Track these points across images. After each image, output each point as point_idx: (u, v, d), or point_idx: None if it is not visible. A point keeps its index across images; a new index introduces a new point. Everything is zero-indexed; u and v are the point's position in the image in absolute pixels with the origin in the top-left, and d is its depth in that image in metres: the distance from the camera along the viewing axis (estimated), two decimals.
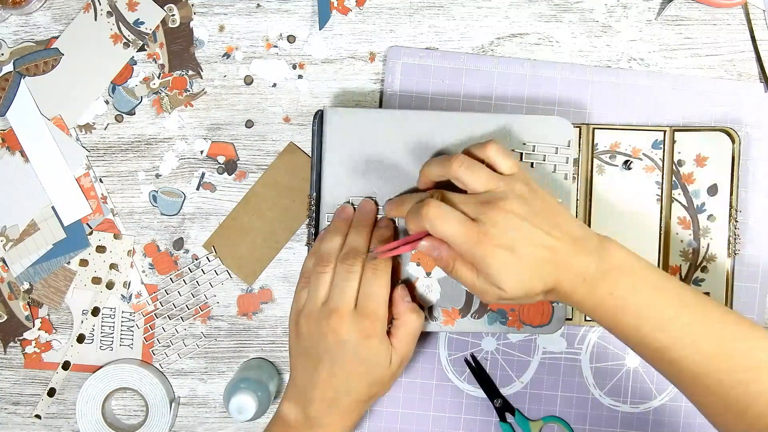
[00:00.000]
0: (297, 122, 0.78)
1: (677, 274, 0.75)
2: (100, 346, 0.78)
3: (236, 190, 0.78)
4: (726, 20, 0.78)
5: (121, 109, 0.78)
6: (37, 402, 0.79)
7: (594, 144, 0.75)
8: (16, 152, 0.78)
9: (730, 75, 0.77)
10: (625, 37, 0.77)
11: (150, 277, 0.78)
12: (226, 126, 0.78)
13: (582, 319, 0.75)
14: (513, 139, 0.71)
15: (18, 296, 0.78)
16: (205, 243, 0.78)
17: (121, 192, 0.78)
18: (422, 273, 0.71)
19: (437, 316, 0.71)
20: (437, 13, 0.77)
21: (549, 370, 0.77)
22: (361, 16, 0.78)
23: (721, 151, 0.74)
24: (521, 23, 0.77)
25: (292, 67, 0.78)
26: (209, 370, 0.79)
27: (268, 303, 0.78)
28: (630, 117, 0.77)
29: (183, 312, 0.78)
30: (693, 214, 0.75)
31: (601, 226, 0.75)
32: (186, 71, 0.78)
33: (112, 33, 0.77)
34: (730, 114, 0.77)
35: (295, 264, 0.78)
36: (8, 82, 0.77)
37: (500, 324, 0.71)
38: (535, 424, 0.76)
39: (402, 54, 0.77)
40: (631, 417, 0.77)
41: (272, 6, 0.78)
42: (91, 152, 0.78)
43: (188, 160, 0.78)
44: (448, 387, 0.77)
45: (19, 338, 0.78)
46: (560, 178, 0.71)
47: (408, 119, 0.70)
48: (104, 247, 0.78)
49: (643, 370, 0.77)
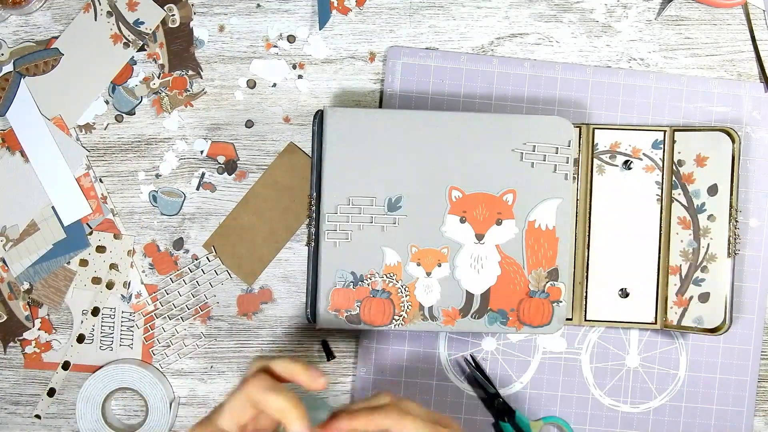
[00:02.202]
0: (297, 122, 0.78)
1: (677, 274, 0.75)
2: (100, 346, 0.78)
3: (236, 190, 0.78)
4: (726, 20, 0.78)
5: (121, 109, 0.78)
6: (37, 402, 0.79)
7: (594, 144, 0.75)
8: (16, 152, 0.78)
9: (730, 75, 0.77)
10: (625, 37, 0.77)
11: (150, 277, 0.78)
12: (226, 126, 0.78)
13: (582, 319, 0.75)
14: (513, 139, 0.71)
15: (18, 296, 0.78)
16: (205, 243, 0.78)
17: (121, 192, 0.78)
18: (422, 273, 0.71)
19: (437, 316, 0.71)
20: (437, 13, 0.77)
21: (549, 370, 0.77)
22: (361, 16, 0.78)
23: (721, 151, 0.74)
24: (521, 23, 0.77)
25: (292, 67, 0.78)
26: (209, 370, 0.79)
27: (268, 303, 0.78)
28: (630, 117, 0.77)
29: (183, 312, 0.78)
30: (693, 214, 0.75)
31: (601, 226, 0.75)
32: (186, 71, 0.78)
33: (112, 33, 0.77)
34: (730, 114, 0.77)
35: (295, 264, 0.78)
36: (8, 82, 0.77)
37: (500, 324, 0.71)
38: (535, 424, 0.76)
39: (402, 54, 0.77)
40: (631, 417, 0.77)
41: (272, 6, 0.78)
42: (91, 152, 0.78)
43: (188, 160, 0.78)
44: (448, 387, 0.77)
45: (19, 338, 0.78)
46: (560, 178, 0.71)
47: (408, 119, 0.70)
48: (104, 247, 0.78)
49: (643, 370, 0.77)
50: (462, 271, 0.71)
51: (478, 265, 0.71)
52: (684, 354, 0.77)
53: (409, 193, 0.71)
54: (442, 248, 0.71)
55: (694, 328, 0.74)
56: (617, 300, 0.75)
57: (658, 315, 0.75)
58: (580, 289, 0.75)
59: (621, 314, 0.75)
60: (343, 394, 0.78)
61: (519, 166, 0.71)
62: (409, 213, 0.71)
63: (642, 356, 0.77)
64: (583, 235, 0.75)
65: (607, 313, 0.75)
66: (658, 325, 0.75)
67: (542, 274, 0.71)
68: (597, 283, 0.75)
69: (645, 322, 0.75)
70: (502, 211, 0.71)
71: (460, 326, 0.71)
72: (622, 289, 0.76)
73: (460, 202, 0.71)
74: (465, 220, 0.71)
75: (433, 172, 0.71)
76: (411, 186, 0.71)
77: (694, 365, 0.77)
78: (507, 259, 0.71)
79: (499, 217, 0.71)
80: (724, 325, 0.73)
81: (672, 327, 0.75)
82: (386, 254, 0.71)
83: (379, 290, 0.71)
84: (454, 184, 0.71)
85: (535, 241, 0.71)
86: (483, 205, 0.71)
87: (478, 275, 0.71)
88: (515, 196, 0.71)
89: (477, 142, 0.71)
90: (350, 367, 0.78)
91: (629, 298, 0.75)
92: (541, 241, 0.71)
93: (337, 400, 0.78)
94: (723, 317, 0.73)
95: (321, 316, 0.71)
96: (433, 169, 0.71)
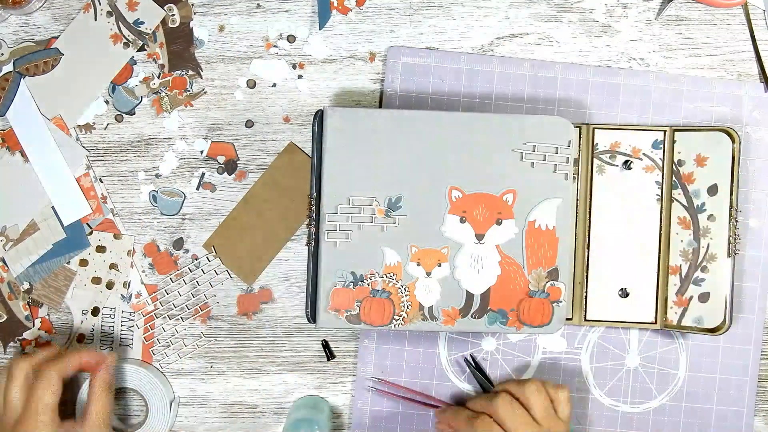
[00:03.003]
0: (297, 122, 0.78)
1: (677, 274, 0.75)
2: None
3: (236, 190, 0.78)
4: (726, 20, 0.78)
5: (121, 109, 0.78)
6: None
7: (594, 144, 0.75)
8: (16, 152, 0.78)
9: (730, 75, 0.77)
10: (625, 37, 0.77)
11: (150, 277, 0.78)
12: (226, 126, 0.78)
13: (582, 319, 0.75)
14: (513, 139, 0.71)
15: (18, 296, 0.78)
16: (205, 243, 0.78)
17: (121, 192, 0.78)
18: (422, 273, 0.71)
19: (437, 316, 0.71)
20: (437, 13, 0.77)
21: (549, 370, 0.77)
22: (361, 16, 0.78)
23: (721, 151, 0.74)
24: (521, 23, 0.77)
25: (292, 67, 0.78)
26: (209, 370, 0.79)
27: (268, 303, 0.78)
28: (630, 117, 0.77)
29: (183, 312, 0.78)
30: (693, 214, 0.75)
31: (601, 226, 0.75)
32: (186, 71, 0.78)
33: (112, 33, 0.77)
34: (730, 114, 0.77)
35: (295, 264, 0.78)
36: (8, 82, 0.77)
37: (500, 324, 0.71)
38: None
39: (402, 54, 0.77)
40: (631, 417, 0.77)
41: (272, 6, 0.78)
42: (91, 152, 0.78)
43: (188, 160, 0.78)
44: (448, 387, 0.77)
45: (19, 338, 0.78)
46: (560, 178, 0.71)
47: (408, 119, 0.70)
48: (104, 247, 0.78)
49: (643, 370, 0.77)
50: (462, 271, 0.71)
51: (478, 265, 0.71)
52: (684, 354, 0.77)
53: (409, 193, 0.71)
54: (442, 248, 0.71)
55: (694, 328, 0.74)
56: (617, 300, 0.75)
57: (658, 315, 0.75)
58: (580, 289, 0.75)
59: (621, 314, 0.75)
60: (342, 394, 0.78)
61: (519, 166, 0.71)
62: (409, 213, 0.71)
63: (642, 356, 0.77)
64: (583, 235, 0.75)
65: (607, 313, 0.75)
66: (658, 325, 0.75)
67: (542, 274, 0.71)
68: (597, 283, 0.75)
69: (645, 322, 0.75)
70: (502, 211, 0.71)
71: (460, 326, 0.71)
72: (622, 289, 0.76)
73: (460, 202, 0.71)
74: (465, 220, 0.71)
75: (433, 172, 0.71)
76: (411, 186, 0.71)
77: (694, 365, 0.77)
78: (507, 259, 0.71)
79: (499, 217, 0.71)
80: (724, 325, 0.73)
81: (672, 327, 0.75)
82: (386, 254, 0.71)
83: (379, 290, 0.71)
84: (454, 184, 0.71)
85: (535, 241, 0.71)
86: (483, 205, 0.71)
87: (478, 275, 0.71)
88: (515, 196, 0.71)
89: (477, 142, 0.71)
90: (350, 367, 0.78)
91: (629, 298, 0.75)
92: (541, 241, 0.71)
93: (337, 400, 0.78)
94: (723, 317, 0.73)
95: (321, 316, 0.71)
96: (433, 169, 0.71)
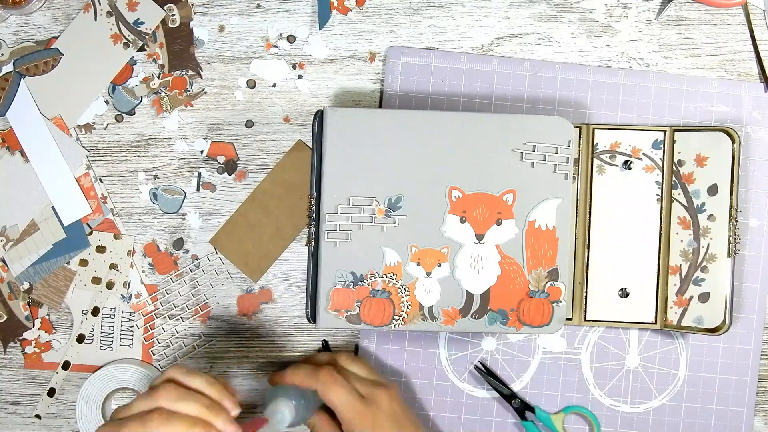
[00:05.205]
0: (297, 122, 0.78)
1: (677, 274, 0.75)
2: (100, 346, 0.78)
3: (236, 190, 0.78)
4: (726, 20, 0.78)
5: (121, 109, 0.78)
6: (37, 402, 0.79)
7: (594, 144, 0.75)
8: (16, 152, 0.78)
9: (730, 75, 0.77)
10: (625, 37, 0.77)
11: (150, 277, 0.78)
12: (226, 126, 0.78)
13: (582, 319, 0.75)
14: (513, 139, 0.71)
15: (18, 296, 0.78)
16: (211, 239, 0.78)
17: (121, 192, 0.78)
18: (422, 273, 0.71)
19: (437, 316, 0.71)
20: (437, 13, 0.77)
21: (549, 370, 0.77)
22: (361, 16, 0.78)
23: (721, 151, 0.74)
24: (521, 23, 0.77)
25: (292, 67, 0.78)
26: (209, 370, 0.78)
27: (267, 303, 0.78)
28: (630, 117, 0.77)
29: (183, 312, 0.78)
30: (693, 214, 0.75)
31: (601, 226, 0.75)
32: (186, 71, 0.78)
33: (112, 33, 0.77)
34: (730, 114, 0.77)
35: (295, 264, 0.78)
36: (8, 82, 0.77)
37: (500, 324, 0.71)
38: (557, 417, 0.76)
39: (402, 54, 0.77)
40: (631, 417, 0.77)
41: (272, 6, 0.78)
42: (91, 152, 0.78)
43: (188, 160, 0.78)
44: (448, 387, 0.77)
45: (19, 338, 0.78)
46: (560, 178, 0.71)
47: (408, 119, 0.70)
48: (104, 247, 0.78)
49: (643, 370, 0.77)
50: (462, 271, 0.71)
51: (478, 265, 0.71)
52: (684, 354, 0.77)
53: (409, 193, 0.71)
54: (442, 248, 0.71)
55: (694, 328, 0.74)
56: (617, 300, 0.75)
57: (658, 315, 0.75)
58: (580, 289, 0.75)
59: (621, 314, 0.75)
60: None
61: (519, 166, 0.71)
62: (409, 213, 0.71)
63: (642, 356, 0.77)
64: (583, 235, 0.75)
65: (607, 313, 0.75)
66: (658, 325, 0.75)
67: (542, 274, 0.71)
68: (597, 283, 0.75)
69: (645, 322, 0.75)
70: (502, 211, 0.71)
71: (460, 326, 0.71)
72: (622, 289, 0.76)
73: (460, 202, 0.71)
74: (465, 220, 0.71)
75: (433, 172, 0.71)
76: (411, 186, 0.71)
77: (694, 365, 0.77)
78: (507, 259, 0.71)
79: (499, 217, 0.71)
80: (724, 325, 0.73)
81: (672, 327, 0.75)
82: (386, 254, 0.71)
83: (379, 290, 0.71)
84: (454, 184, 0.71)
85: (535, 241, 0.71)
86: (483, 205, 0.71)
87: (478, 275, 0.71)
88: (515, 196, 0.71)
89: (477, 142, 0.71)
90: None
91: (629, 298, 0.75)
92: (541, 241, 0.71)
93: None
94: (723, 317, 0.73)
95: (321, 316, 0.71)
96: (433, 169, 0.71)
